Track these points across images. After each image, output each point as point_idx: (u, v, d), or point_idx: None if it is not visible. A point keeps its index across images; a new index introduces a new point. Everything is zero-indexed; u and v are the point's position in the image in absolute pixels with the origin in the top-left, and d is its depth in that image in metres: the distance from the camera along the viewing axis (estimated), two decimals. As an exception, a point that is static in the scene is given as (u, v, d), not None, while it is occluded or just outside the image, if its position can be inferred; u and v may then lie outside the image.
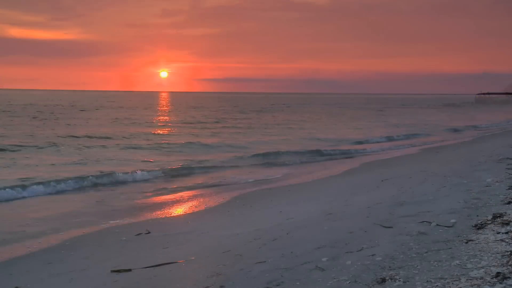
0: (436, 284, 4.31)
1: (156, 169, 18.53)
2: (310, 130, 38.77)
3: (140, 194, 14.33)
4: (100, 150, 24.63)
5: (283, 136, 33.21)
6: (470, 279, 4.32)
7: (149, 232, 9.44)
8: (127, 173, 17.03)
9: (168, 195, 14.03)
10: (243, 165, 20.31)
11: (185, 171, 18.37)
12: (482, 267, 4.57)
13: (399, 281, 4.50)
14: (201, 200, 13.08)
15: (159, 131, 36.03)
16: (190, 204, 12.67)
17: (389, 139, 31.44)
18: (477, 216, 6.56)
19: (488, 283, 4.18)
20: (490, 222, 6.13)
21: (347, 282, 4.63)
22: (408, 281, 4.47)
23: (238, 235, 7.95)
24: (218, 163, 20.52)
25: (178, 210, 11.97)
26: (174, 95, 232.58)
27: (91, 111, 64.20)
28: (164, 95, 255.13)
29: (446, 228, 6.10)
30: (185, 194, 14.25)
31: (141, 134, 33.41)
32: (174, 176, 17.48)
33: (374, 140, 30.72)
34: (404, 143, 28.21)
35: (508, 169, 10.74)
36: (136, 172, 17.04)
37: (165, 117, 54.66)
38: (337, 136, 33.26)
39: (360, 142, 29.46)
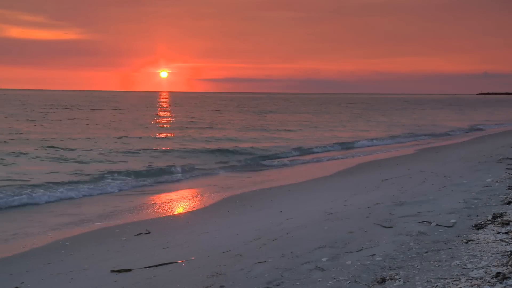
0: (436, 284, 4.31)
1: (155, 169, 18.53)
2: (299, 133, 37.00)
3: (140, 194, 14.34)
4: (96, 151, 24.61)
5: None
6: (470, 279, 4.32)
7: (149, 232, 9.45)
8: (123, 174, 16.97)
9: (168, 195, 14.03)
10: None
11: (185, 173, 18.34)
12: (482, 267, 4.57)
13: (399, 281, 4.50)
14: (201, 200, 13.08)
15: (159, 134, 35.68)
16: (190, 204, 12.67)
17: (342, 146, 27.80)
18: (477, 216, 6.57)
19: (488, 283, 4.18)
20: (490, 222, 6.13)
21: (347, 282, 4.63)
22: (408, 281, 4.48)
23: (238, 235, 7.95)
24: (213, 165, 20.32)
25: (178, 210, 11.97)
26: (174, 95, 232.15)
27: (94, 112, 64.21)
28: (164, 95, 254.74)
29: (446, 228, 6.10)
30: (185, 194, 14.27)
31: (139, 136, 33.29)
32: (174, 176, 17.48)
33: (328, 148, 27.02)
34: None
35: (508, 169, 10.75)
36: (132, 176, 16.94)
37: (165, 119, 54.22)
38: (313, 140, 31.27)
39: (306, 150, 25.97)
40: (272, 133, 36.66)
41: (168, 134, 34.73)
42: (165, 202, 13.07)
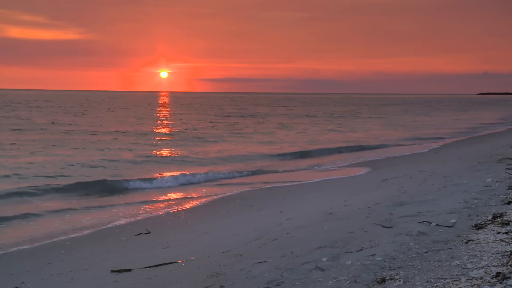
0: (436, 284, 4.31)
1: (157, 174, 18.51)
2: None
3: (140, 195, 14.33)
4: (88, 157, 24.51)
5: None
6: (470, 279, 4.32)
7: (149, 232, 9.46)
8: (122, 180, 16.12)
9: (168, 196, 14.03)
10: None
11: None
12: (482, 267, 4.57)
13: (399, 281, 4.50)
14: (201, 200, 13.08)
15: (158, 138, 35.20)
16: (190, 204, 12.67)
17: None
18: (477, 216, 6.56)
19: (488, 283, 4.18)
20: (490, 222, 6.13)
21: (347, 282, 4.62)
22: (408, 281, 4.48)
23: (238, 235, 7.95)
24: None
25: (178, 210, 11.97)
26: (173, 95, 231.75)
27: (101, 111, 64.20)
28: (164, 95, 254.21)
29: (446, 228, 6.10)
30: (185, 194, 14.25)
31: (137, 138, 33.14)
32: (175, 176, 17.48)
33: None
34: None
35: (508, 169, 10.74)
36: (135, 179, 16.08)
37: (163, 122, 51.85)
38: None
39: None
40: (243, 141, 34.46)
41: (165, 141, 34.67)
42: (165, 202, 13.07)
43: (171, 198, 13.66)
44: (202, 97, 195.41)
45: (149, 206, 12.43)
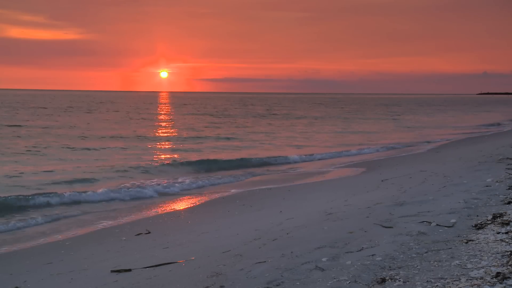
0: (436, 284, 4.32)
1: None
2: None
3: (140, 195, 14.32)
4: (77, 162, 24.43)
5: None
6: (470, 279, 4.32)
7: (149, 232, 9.45)
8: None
9: (168, 196, 14.03)
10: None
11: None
12: (482, 267, 4.57)
13: (399, 281, 4.50)
14: (201, 200, 13.09)
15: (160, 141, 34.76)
16: (190, 204, 12.68)
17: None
18: (477, 216, 6.56)
19: (488, 283, 4.18)
20: (490, 222, 6.13)
21: (347, 282, 4.62)
22: (408, 281, 4.48)
23: (238, 235, 7.95)
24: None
25: (178, 210, 11.97)
26: (173, 95, 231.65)
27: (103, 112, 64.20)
28: (163, 95, 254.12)
29: (446, 228, 6.10)
30: (184, 194, 14.26)
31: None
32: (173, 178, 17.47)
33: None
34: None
35: (508, 169, 10.74)
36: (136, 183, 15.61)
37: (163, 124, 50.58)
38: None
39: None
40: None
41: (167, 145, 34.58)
42: (165, 202, 13.07)
43: (171, 198, 13.65)
44: (203, 97, 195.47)
45: (146, 208, 12.43)
